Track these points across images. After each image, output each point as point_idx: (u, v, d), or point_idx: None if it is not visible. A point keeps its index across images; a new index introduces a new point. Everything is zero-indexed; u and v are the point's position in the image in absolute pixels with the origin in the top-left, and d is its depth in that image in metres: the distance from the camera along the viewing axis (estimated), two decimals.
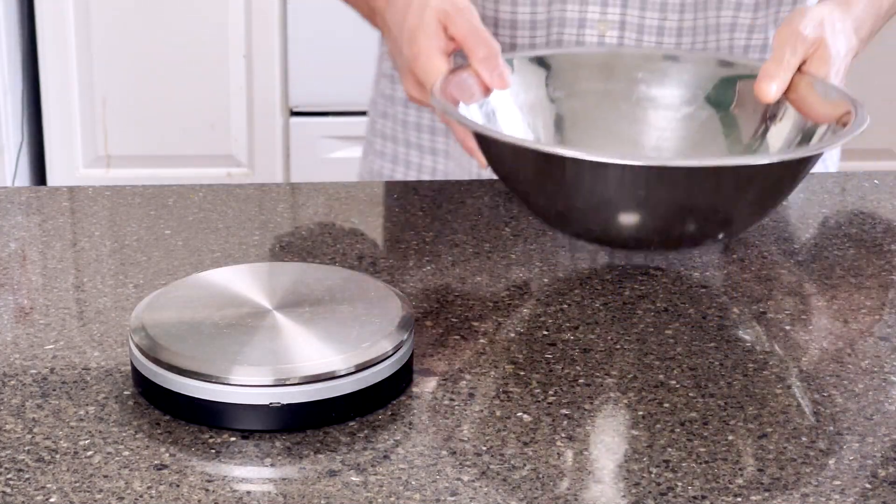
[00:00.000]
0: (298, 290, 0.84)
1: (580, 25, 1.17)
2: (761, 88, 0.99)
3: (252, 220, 1.05)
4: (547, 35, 1.17)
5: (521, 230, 1.04)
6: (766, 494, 0.71)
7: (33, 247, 1.01)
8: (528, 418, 0.78)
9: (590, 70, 1.09)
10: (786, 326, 0.90)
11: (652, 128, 1.07)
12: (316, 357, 0.77)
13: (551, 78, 1.07)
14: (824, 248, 1.02)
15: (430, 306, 0.91)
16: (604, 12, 1.16)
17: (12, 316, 0.90)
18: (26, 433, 0.76)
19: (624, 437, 0.77)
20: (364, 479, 0.72)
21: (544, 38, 1.17)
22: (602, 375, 0.83)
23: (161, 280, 0.94)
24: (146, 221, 1.05)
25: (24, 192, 1.13)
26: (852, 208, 1.10)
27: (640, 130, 1.07)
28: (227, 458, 0.74)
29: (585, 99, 1.08)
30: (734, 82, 1.06)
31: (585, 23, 1.17)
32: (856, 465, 0.74)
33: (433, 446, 0.75)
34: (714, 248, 1.01)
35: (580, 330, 0.89)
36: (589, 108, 1.07)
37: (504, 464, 0.74)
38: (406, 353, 0.80)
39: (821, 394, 0.81)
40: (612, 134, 1.07)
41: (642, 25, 1.16)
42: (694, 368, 0.84)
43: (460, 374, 0.83)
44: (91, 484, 0.71)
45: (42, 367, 0.83)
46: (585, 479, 0.73)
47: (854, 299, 0.94)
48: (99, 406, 0.79)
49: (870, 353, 0.86)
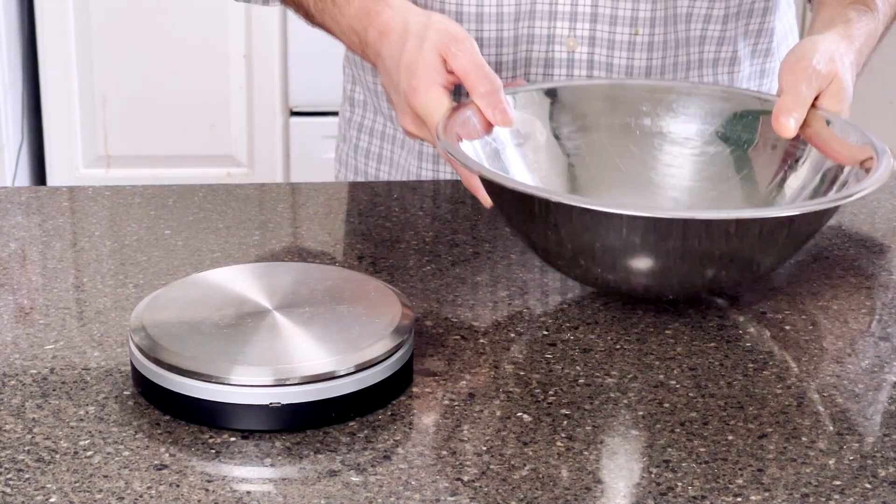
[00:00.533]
0: (298, 290, 0.84)
1: (549, 42, 1.14)
2: (780, 124, 0.96)
3: (252, 220, 1.05)
4: (514, 52, 1.15)
5: None
6: (766, 494, 0.71)
7: (33, 247, 1.01)
8: (528, 418, 0.78)
9: (595, 103, 1.05)
10: (786, 326, 0.90)
11: (662, 165, 1.03)
12: (316, 357, 0.77)
13: (556, 112, 1.03)
14: (824, 248, 1.02)
15: (430, 306, 0.91)
16: (573, 27, 1.14)
17: (12, 316, 0.90)
18: (26, 433, 0.76)
19: (624, 437, 0.77)
20: (364, 479, 0.72)
21: (511, 55, 1.15)
22: (602, 375, 0.83)
23: (161, 280, 0.94)
24: (146, 221, 1.05)
25: (24, 192, 1.13)
26: (852, 208, 1.10)
27: (650, 168, 1.03)
28: (227, 458, 0.74)
29: (592, 135, 1.03)
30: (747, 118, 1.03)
31: (554, 39, 1.14)
32: (856, 465, 0.74)
33: (433, 446, 0.75)
34: None
35: (580, 330, 0.89)
36: (597, 145, 1.03)
37: (504, 464, 0.74)
38: (406, 353, 0.80)
39: (821, 394, 0.81)
40: (622, 173, 1.03)
41: (612, 41, 1.14)
42: (694, 368, 0.84)
43: (460, 374, 0.83)
44: (91, 484, 0.71)
45: (42, 367, 0.83)
46: (585, 479, 0.73)
47: (854, 299, 0.94)
48: (99, 406, 0.78)
49: (870, 353, 0.86)
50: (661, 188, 1.02)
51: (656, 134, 1.03)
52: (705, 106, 1.03)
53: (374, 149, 1.26)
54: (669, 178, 1.02)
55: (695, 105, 1.04)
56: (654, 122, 1.04)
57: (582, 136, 1.03)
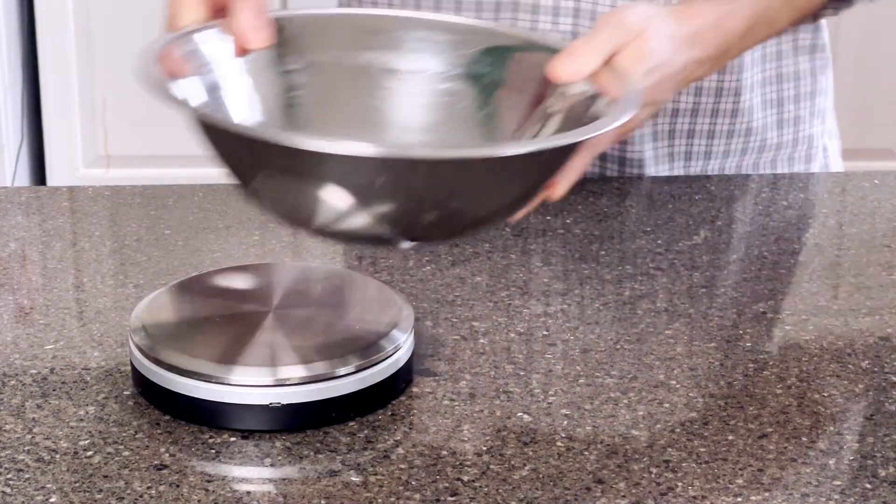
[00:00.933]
0: (298, 290, 0.84)
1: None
2: (555, 67, 0.83)
3: (252, 220, 1.05)
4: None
5: (522, 230, 1.04)
6: (766, 494, 0.71)
7: (33, 247, 1.01)
8: (528, 418, 0.78)
9: (332, 35, 0.90)
10: (786, 326, 0.90)
11: (395, 105, 0.88)
12: (316, 357, 0.77)
13: (285, 45, 0.88)
14: (824, 248, 1.02)
15: (430, 306, 0.91)
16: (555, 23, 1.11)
17: (12, 316, 0.90)
18: (26, 433, 0.76)
19: (624, 437, 0.77)
20: (364, 479, 0.72)
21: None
22: (602, 375, 0.83)
23: (161, 280, 0.94)
24: (146, 221, 1.05)
25: (24, 192, 1.13)
26: (852, 208, 1.10)
27: (382, 108, 0.89)
28: (227, 458, 0.74)
29: (323, 71, 0.89)
30: (497, 54, 0.88)
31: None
32: (856, 465, 0.74)
33: (433, 446, 0.75)
34: (714, 248, 1.01)
35: (580, 330, 0.89)
36: (327, 82, 0.89)
37: (504, 464, 0.74)
38: (406, 353, 0.80)
39: (821, 394, 0.81)
40: (350, 112, 0.88)
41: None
42: (694, 368, 0.84)
43: (460, 374, 0.83)
44: (91, 484, 0.71)
45: (42, 367, 0.83)
46: (585, 479, 0.73)
47: (854, 299, 0.94)
48: (99, 406, 0.78)
49: (870, 353, 0.86)
50: (393, 129, 0.89)
51: (393, 71, 0.89)
52: (465, 42, 0.89)
53: None
54: (403, 118, 0.89)
55: (437, 40, 0.90)
56: (394, 58, 0.90)
57: (312, 72, 0.89)
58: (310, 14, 0.90)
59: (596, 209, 1.08)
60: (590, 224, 1.05)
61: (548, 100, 0.85)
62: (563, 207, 1.07)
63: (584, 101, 0.83)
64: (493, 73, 0.88)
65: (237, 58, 0.84)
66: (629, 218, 1.08)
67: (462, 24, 0.90)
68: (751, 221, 1.07)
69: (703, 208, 1.08)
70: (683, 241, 1.02)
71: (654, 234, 1.03)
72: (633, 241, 1.03)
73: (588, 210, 1.08)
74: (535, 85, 0.86)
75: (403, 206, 0.74)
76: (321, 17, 0.90)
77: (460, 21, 0.91)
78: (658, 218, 1.07)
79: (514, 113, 0.86)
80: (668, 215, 1.07)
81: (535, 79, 0.86)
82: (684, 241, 1.02)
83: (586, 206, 1.08)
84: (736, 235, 1.04)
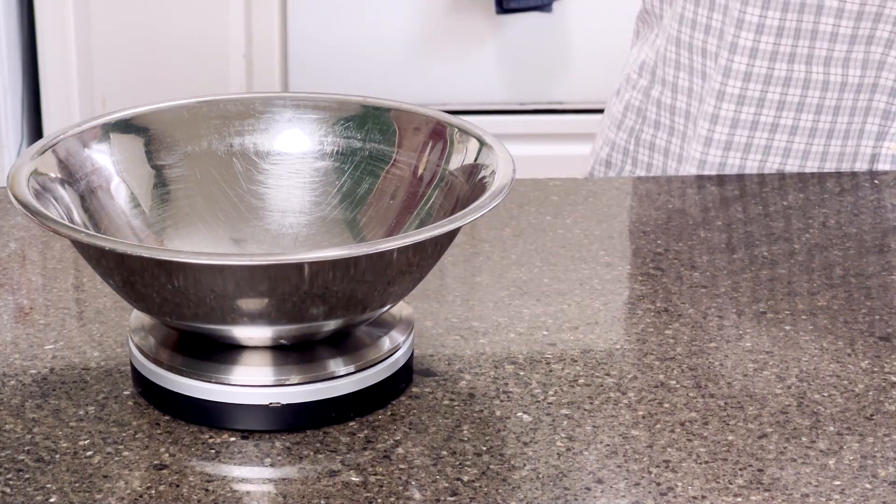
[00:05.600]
0: None
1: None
2: None
3: None
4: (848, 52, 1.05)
5: (522, 230, 1.04)
6: (766, 494, 0.71)
7: (33, 247, 1.01)
8: (528, 418, 0.78)
9: (202, 124, 0.88)
10: (786, 326, 0.90)
11: (272, 188, 0.88)
12: (316, 357, 0.77)
13: (156, 141, 0.87)
14: (824, 248, 1.02)
15: (429, 306, 0.91)
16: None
17: (12, 316, 0.90)
18: (26, 433, 0.76)
19: (624, 437, 0.77)
20: (364, 479, 0.72)
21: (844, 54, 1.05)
22: (602, 375, 0.83)
23: None
24: None
25: None
26: (852, 208, 1.10)
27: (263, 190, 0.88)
28: (227, 458, 0.74)
29: (198, 161, 0.88)
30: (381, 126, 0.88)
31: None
32: (856, 465, 0.74)
33: (433, 446, 0.75)
34: (714, 248, 1.01)
35: (580, 330, 0.88)
36: (202, 172, 0.87)
37: (504, 464, 0.74)
38: (406, 353, 0.80)
39: (821, 394, 0.81)
40: (231, 199, 0.87)
41: None
42: (694, 368, 0.84)
43: (460, 374, 0.83)
44: (91, 484, 0.71)
45: (42, 367, 0.83)
46: (585, 479, 0.73)
47: (854, 299, 0.94)
48: (99, 406, 0.78)
49: (870, 353, 0.86)
50: (273, 213, 0.88)
51: (268, 153, 0.88)
52: (323, 117, 0.89)
53: None
54: (282, 201, 0.88)
55: (308, 118, 0.89)
56: (265, 140, 0.89)
57: (180, 166, 0.88)
58: (175, 105, 0.89)
59: (596, 209, 1.08)
60: (590, 224, 1.05)
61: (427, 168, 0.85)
62: (563, 207, 1.07)
63: (465, 169, 0.83)
64: (367, 145, 0.88)
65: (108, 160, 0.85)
66: (629, 218, 1.08)
67: (331, 98, 0.89)
68: (751, 221, 1.06)
69: (704, 208, 1.08)
70: (683, 241, 1.02)
71: (654, 234, 1.03)
72: (633, 241, 1.03)
73: (588, 210, 1.07)
74: (413, 153, 0.86)
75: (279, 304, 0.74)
76: (187, 108, 0.89)
77: (329, 96, 0.90)
78: (658, 218, 1.07)
79: (394, 185, 0.86)
80: (667, 215, 1.07)
81: (413, 147, 0.86)
82: (684, 241, 1.02)
83: (586, 206, 1.08)
84: (736, 235, 1.04)
